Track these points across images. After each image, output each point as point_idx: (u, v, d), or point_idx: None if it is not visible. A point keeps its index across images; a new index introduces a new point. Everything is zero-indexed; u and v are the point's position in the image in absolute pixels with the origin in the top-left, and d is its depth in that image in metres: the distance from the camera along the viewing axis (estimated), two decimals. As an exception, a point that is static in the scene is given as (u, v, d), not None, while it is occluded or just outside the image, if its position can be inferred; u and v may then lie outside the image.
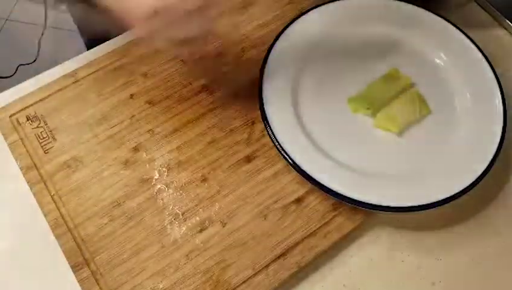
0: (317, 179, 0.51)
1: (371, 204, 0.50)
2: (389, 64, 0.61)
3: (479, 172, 0.52)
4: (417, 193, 0.51)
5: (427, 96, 0.59)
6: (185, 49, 0.51)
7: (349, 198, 0.50)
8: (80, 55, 0.64)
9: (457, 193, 0.51)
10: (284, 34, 0.61)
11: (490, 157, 0.53)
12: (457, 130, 0.57)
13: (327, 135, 0.56)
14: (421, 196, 0.51)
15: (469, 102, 0.59)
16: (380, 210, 0.50)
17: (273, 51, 0.60)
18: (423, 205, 0.50)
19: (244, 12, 0.65)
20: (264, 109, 0.56)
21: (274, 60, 0.59)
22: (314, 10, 0.63)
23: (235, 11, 0.66)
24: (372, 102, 0.58)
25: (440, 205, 0.50)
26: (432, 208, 0.50)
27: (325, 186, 0.51)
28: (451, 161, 0.54)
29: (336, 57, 0.62)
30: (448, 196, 0.51)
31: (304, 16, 0.63)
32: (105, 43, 0.64)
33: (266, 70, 0.59)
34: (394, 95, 0.58)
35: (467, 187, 0.51)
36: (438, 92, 0.60)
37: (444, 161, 0.55)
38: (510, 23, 0.67)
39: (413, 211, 0.50)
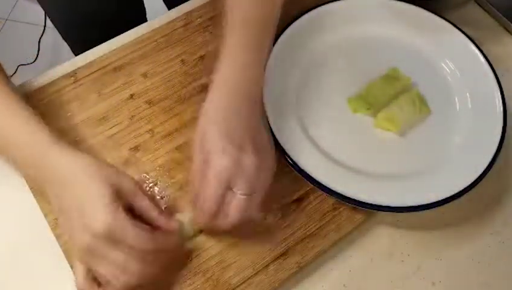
0: (317, 179, 0.51)
1: (371, 204, 0.50)
2: (389, 64, 0.61)
3: (479, 172, 0.52)
4: (417, 193, 0.51)
5: (427, 96, 0.59)
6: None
7: (349, 198, 0.50)
8: (80, 55, 0.64)
9: (457, 193, 0.51)
10: (284, 34, 0.61)
11: (490, 157, 0.53)
12: (457, 130, 0.57)
13: (327, 135, 0.56)
14: (421, 196, 0.51)
15: (469, 102, 0.59)
16: (380, 210, 0.50)
17: (273, 51, 0.60)
18: (423, 205, 0.50)
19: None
20: (263, 109, 0.56)
21: (274, 60, 0.59)
22: (314, 10, 0.63)
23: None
24: (372, 102, 0.58)
25: (440, 205, 0.50)
26: (432, 208, 0.50)
27: (325, 186, 0.51)
28: (451, 161, 0.54)
29: (336, 57, 0.62)
30: (448, 196, 0.51)
31: (303, 16, 0.63)
32: (106, 42, 0.64)
33: (266, 70, 0.58)
34: (394, 95, 0.58)
35: (467, 187, 0.51)
36: (438, 92, 0.60)
37: (444, 160, 0.55)
38: (510, 23, 0.67)
39: (413, 211, 0.50)
